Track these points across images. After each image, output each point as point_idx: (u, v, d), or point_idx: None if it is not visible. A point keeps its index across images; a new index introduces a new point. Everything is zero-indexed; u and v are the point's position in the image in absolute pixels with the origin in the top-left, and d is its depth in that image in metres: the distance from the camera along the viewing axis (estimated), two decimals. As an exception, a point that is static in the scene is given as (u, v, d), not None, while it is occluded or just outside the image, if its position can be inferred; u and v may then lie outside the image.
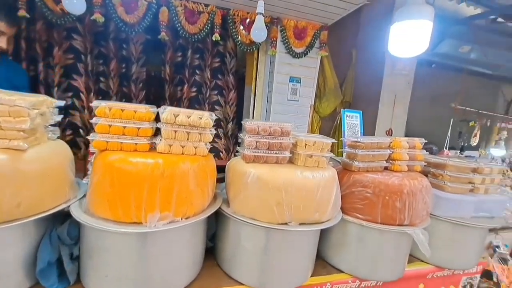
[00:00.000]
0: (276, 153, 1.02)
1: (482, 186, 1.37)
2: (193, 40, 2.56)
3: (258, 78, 2.95)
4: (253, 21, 2.65)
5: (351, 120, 1.42)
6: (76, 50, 2.60)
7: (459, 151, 3.16)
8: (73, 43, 2.58)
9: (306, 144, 1.03)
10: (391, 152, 1.22)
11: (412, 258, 1.36)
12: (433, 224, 1.30)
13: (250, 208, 0.95)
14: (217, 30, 2.54)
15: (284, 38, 2.79)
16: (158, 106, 1.53)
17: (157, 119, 0.93)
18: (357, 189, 1.12)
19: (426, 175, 1.39)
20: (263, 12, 2.18)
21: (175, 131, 0.91)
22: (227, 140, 3.32)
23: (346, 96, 4.04)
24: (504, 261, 2.23)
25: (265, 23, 2.70)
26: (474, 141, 2.96)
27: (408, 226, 1.10)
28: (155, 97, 3.17)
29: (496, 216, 1.39)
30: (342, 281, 1.15)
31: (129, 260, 0.83)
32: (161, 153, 0.90)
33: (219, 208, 1.01)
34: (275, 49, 2.77)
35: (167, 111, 0.89)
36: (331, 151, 1.06)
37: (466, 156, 3.68)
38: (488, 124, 2.91)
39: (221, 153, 3.25)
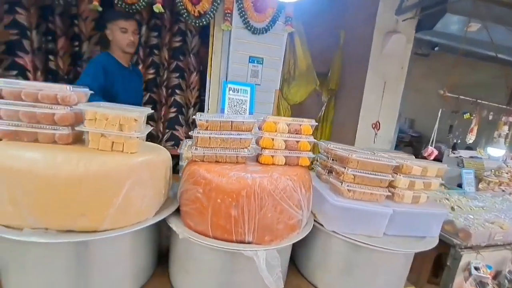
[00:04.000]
0: (54, 129, 0.72)
1: (408, 193, 0.96)
2: (130, 11, 2.28)
3: (213, 58, 2.62)
4: (201, -11, 2.33)
5: (237, 96, 1.07)
6: (20, 25, 2.44)
7: (450, 149, 2.62)
8: (17, 17, 2.42)
9: (96, 118, 0.71)
10: (255, 137, 0.87)
11: (304, 283, 1.01)
12: (329, 243, 0.94)
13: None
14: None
15: (240, 10, 2.42)
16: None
17: None
18: (189, 186, 0.79)
19: (331, 173, 1.02)
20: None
21: None
22: (188, 128, 3.05)
23: (331, 83, 3.61)
24: (482, 285, 1.76)
25: (216, -8, 2.37)
26: (470, 138, 2.40)
27: (253, 244, 0.76)
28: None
29: (428, 235, 0.99)
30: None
31: None
32: None
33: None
34: (230, 23, 2.42)
35: None
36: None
37: (471, 157, 3.10)
38: (490, 117, 2.33)
39: (181, 142, 3.00)
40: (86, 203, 0.65)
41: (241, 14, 2.44)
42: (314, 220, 0.96)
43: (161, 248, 0.99)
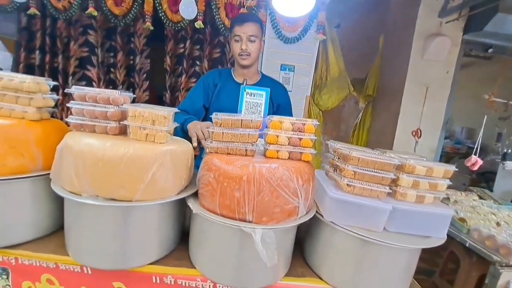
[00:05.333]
0: (107, 123, 0.95)
1: (412, 192, 0.99)
2: (176, 28, 2.62)
3: (247, 67, 2.82)
4: (238, 5, 2.57)
5: (253, 99, 1.20)
6: (90, 44, 2.98)
7: (500, 159, 2.35)
8: (88, 37, 2.96)
9: (136, 115, 0.93)
10: (264, 134, 1.00)
11: (309, 272, 1.09)
12: (330, 235, 1.02)
13: (61, 176, 0.91)
14: (200, 17, 2.53)
15: (273, 22, 2.60)
16: (160, 96, 1.94)
17: None
18: (204, 172, 0.96)
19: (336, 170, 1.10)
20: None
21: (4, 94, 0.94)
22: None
23: (369, 89, 3.55)
24: (524, 310, 1.60)
25: (250, 6, 2.58)
26: (523, 147, 2.14)
27: (253, 223, 0.88)
28: (158, 87, 3.38)
29: (434, 236, 0.99)
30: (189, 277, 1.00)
31: None
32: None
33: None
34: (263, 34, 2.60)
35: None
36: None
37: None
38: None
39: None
40: (124, 178, 0.85)
41: (274, 25, 2.61)
42: (317, 212, 1.05)
43: (186, 228, 1.17)
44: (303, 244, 1.19)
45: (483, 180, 3.92)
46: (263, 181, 0.85)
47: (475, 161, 2.14)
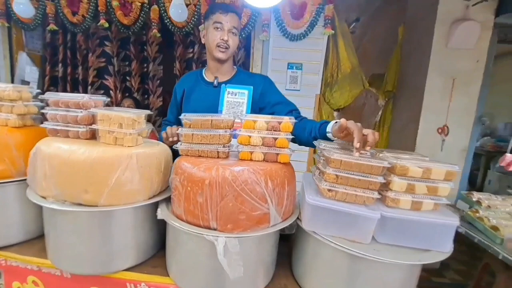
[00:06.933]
0: (78, 127, 0.95)
1: (406, 197, 0.85)
2: (182, 34, 2.65)
3: (253, 67, 2.77)
4: (241, 6, 2.52)
5: (234, 98, 1.13)
6: (107, 54, 3.13)
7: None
8: (105, 48, 3.12)
9: (104, 119, 0.92)
10: (232, 134, 0.93)
11: (293, 285, 0.99)
12: (313, 246, 0.92)
13: (35, 181, 0.92)
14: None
15: (277, 20, 2.52)
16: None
17: None
18: (173, 176, 0.91)
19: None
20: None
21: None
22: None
23: (388, 84, 3.31)
24: None
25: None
26: None
27: (217, 231, 0.81)
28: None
29: (435, 249, 0.84)
30: (163, 286, 0.96)
31: None
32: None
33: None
34: (267, 33, 2.54)
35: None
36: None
37: None
38: None
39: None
40: (88, 182, 0.84)
41: (278, 23, 2.53)
42: (298, 219, 0.95)
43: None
44: (291, 254, 1.10)
45: (531, 182, 3.44)
46: (226, 185, 0.79)
47: (510, 161, 1.86)
